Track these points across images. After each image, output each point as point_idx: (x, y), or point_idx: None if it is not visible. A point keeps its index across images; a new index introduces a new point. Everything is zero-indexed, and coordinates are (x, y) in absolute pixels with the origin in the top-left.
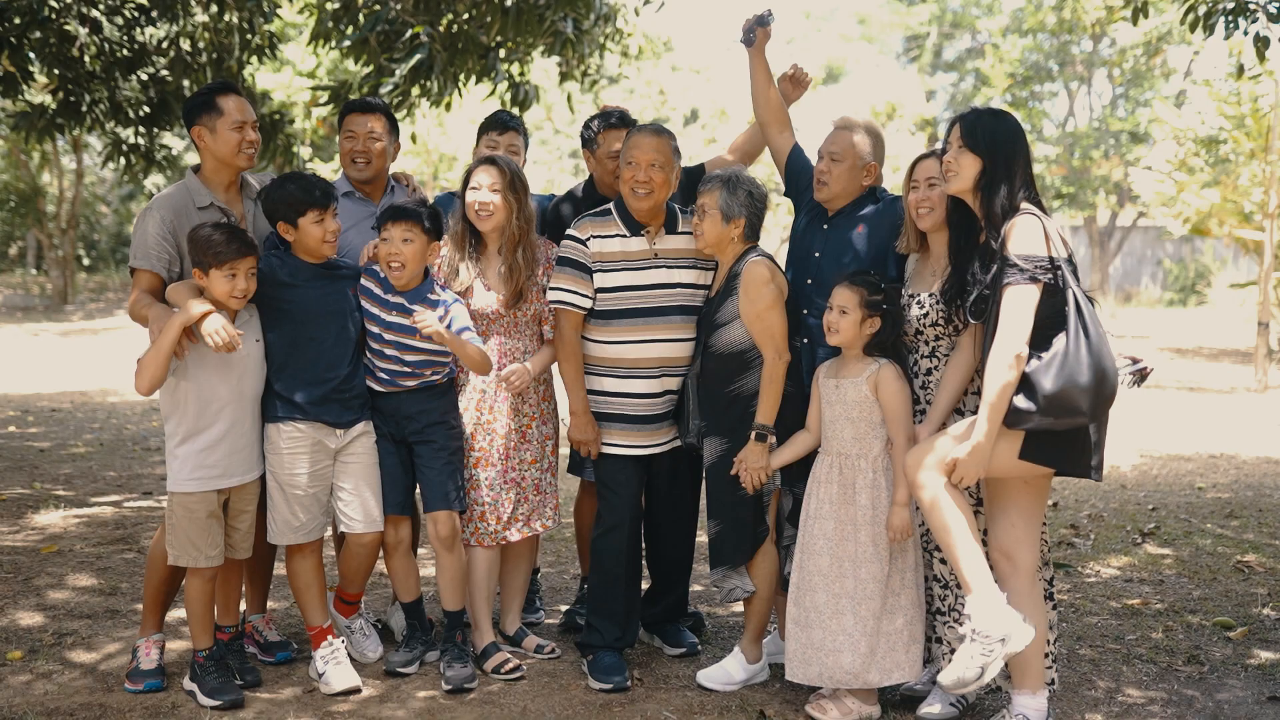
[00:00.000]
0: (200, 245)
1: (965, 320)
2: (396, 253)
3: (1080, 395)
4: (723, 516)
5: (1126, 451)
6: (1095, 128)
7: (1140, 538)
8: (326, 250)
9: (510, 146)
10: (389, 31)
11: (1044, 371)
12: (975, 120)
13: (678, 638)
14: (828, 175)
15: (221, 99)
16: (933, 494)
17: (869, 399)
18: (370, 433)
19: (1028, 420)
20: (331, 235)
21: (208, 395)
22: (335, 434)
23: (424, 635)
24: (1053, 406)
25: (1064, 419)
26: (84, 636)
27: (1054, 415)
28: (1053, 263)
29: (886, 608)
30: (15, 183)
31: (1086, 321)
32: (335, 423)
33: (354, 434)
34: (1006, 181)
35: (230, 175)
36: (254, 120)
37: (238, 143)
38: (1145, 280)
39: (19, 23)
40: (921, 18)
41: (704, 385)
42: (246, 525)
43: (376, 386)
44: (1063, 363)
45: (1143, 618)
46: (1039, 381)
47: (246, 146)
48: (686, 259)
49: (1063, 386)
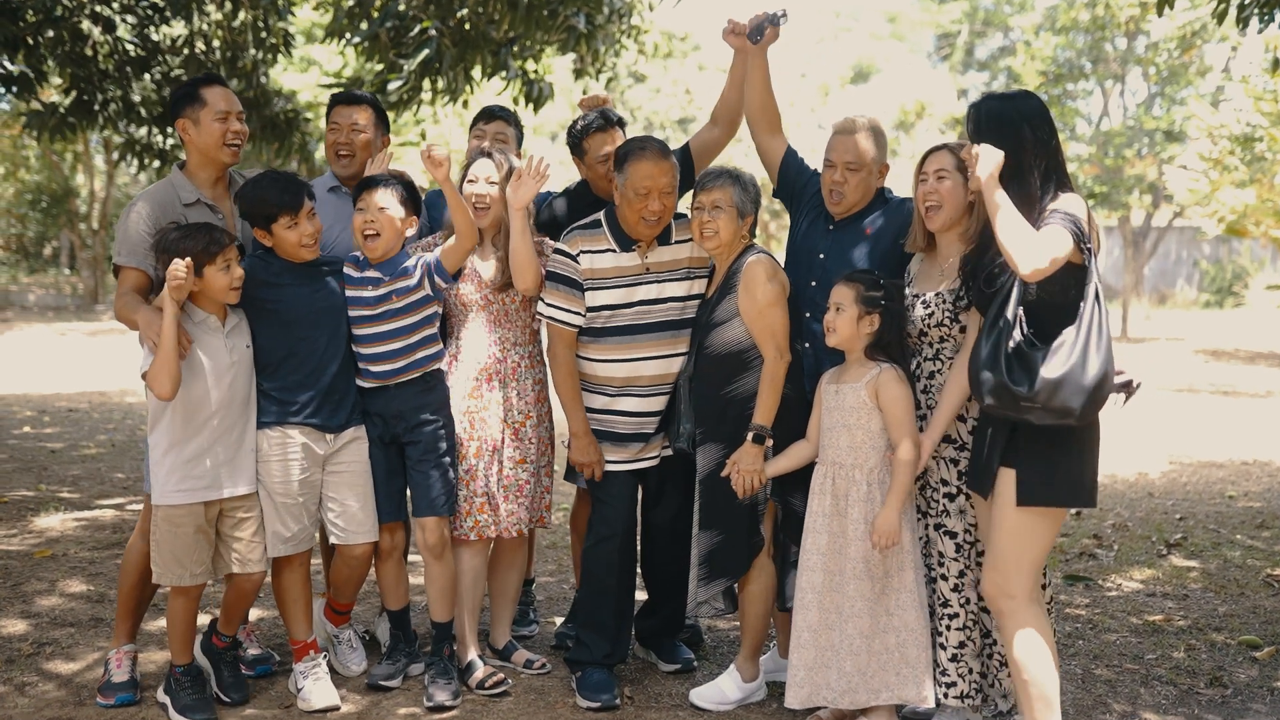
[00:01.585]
0: (187, 246)
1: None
2: (372, 220)
3: (1076, 393)
4: (719, 527)
5: (1155, 457)
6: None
7: (1166, 549)
8: (305, 254)
9: (497, 135)
10: (399, 27)
11: (1048, 357)
12: (982, 108)
13: (673, 654)
14: (845, 186)
15: (205, 89)
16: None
17: (867, 405)
18: (362, 438)
19: (1012, 405)
20: (309, 238)
21: (196, 402)
22: (325, 439)
23: (408, 647)
24: (1047, 396)
25: (1051, 413)
26: (64, 646)
27: (1043, 405)
28: (1087, 236)
29: (878, 626)
30: (48, 184)
31: (1101, 319)
32: (326, 426)
33: (344, 439)
34: (1028, 170)
35: (216, 170)
36: (239, 112)
37: (221, 134)
38: (1181, 282)
39: (33, 22)
40: (953, 15)
41: (698, 388)
42: (250, 535)
43: (365, 383)
44: (1069, 353)
45: (1164, 635)
46: (1039, 366)
47: (231, 138)
48: (679, 270)
49: (1063, 376)
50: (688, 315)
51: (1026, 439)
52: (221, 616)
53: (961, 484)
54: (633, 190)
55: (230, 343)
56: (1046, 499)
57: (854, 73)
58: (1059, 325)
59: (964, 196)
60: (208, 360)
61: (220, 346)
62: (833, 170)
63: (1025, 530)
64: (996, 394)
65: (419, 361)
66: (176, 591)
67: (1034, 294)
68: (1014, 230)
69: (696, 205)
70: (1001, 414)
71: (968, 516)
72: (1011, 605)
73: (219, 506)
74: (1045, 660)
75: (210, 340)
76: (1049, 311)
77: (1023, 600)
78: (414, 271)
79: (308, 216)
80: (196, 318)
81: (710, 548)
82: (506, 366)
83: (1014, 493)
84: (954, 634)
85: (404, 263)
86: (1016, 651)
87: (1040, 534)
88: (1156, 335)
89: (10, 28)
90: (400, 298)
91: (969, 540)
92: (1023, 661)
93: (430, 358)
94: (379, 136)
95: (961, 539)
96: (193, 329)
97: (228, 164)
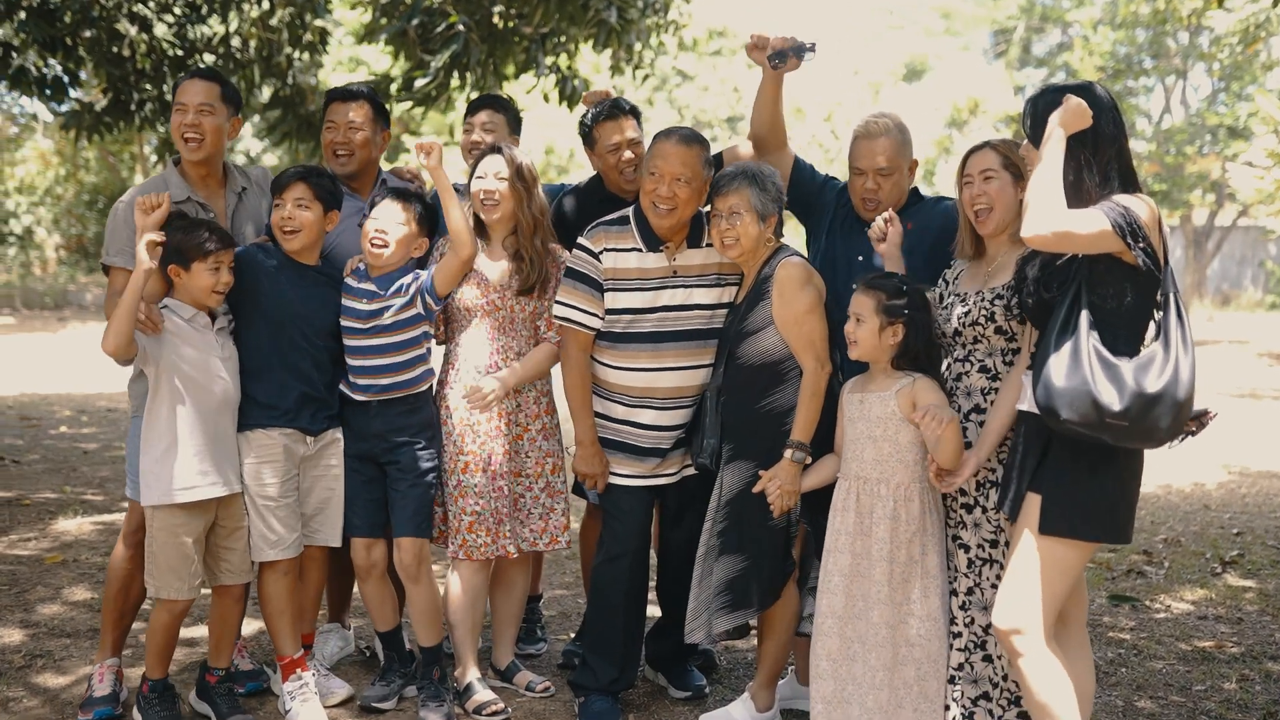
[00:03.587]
0: (181, 240)
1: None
2: (384, 230)
3: (1169, 410)
4: (747, 551)
5: (1212, 467)
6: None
7: (1220, 567)
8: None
9: (485, 125)
10: (427, 23)
11: (1142, 371)
12: (1040, 101)
13: (684, 679)
14: (879, 193)
15: (181, 83)
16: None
17: (896, 416)
18: (339, 440)
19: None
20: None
21: (198, 398)
22: (306, 441)
23: (402, 667)
24: (1139, 412)
25: (1137, 433)
26: (57, 659)
27: (1132, 423)
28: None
29: (899, 658)
30: (106, 185)
31: (1186, 334)
32: (308, 429)
33: (324, 441)
34: (1087, 166)
35: (203, 167)
36: (199, 104)
37: (177, 126)
38: (1246, 282)
39: (70, 22)
40: (1009, 10)
41: (729, 402)
42: (242, 546)
43: (351, 394)
44: (1163, 367)
45: (1215, 664)
46: (1136, 379)
47: (186, 130)
48: (709, 275)
49: (1161, 392)
50: (715, 325)
51: (1060, 462)
52: (211, 649)
53: (979, 495)
54: (647, 172)
55: (221, 339)
56: (1071, 530)
57: (906, 70)
58: (1124, 338)
59: (1014, 196)
60: (204, 356)
61: (212, 342)
62: (864, 178)
63: (1045, 561)
64: (1077, 407)
65: (404, 383)
66: (164, 604)
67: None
68: (1040, 188)
69: (714, 212)
70: (1074, 431)
71: (983, 530)
72: (1022, 642)
73: (215, 512)
74: (1068, 703)
75: (202, 336)
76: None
77: (1033, 637)
78: (408, 289)
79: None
80: (185, 314)
81: (735, 574)
82: None
83: (1038, 519)
84: (954, 654)
85: (401, 279)
86: (1036, 696)
87: (1062, 568)
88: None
89: (48, 29)
90: (391, 315)
91: (981, 556)
92: (1045, 703)
93: (416, 379)
94: (378, 133)
95: (974, 554)
96: (183, 325)
97: (190, 159)
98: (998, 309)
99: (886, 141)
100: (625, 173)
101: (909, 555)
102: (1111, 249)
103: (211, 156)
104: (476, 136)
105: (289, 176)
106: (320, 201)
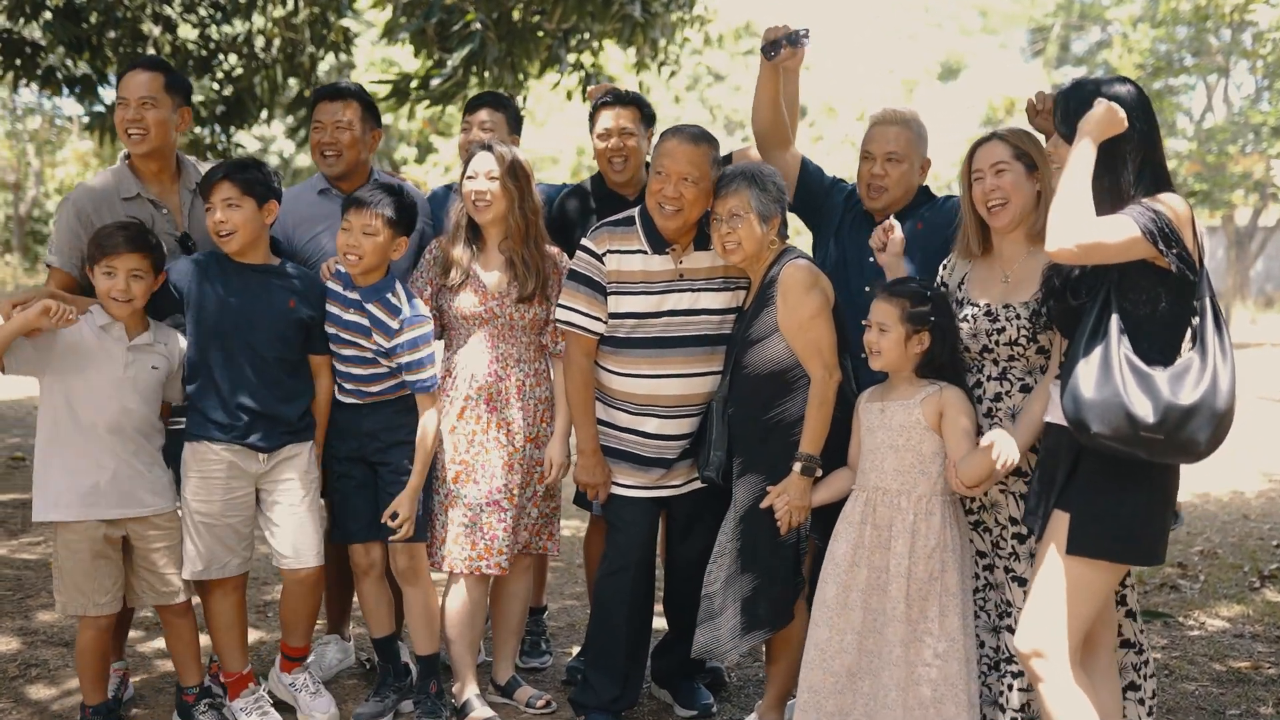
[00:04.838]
0: (91, 240)
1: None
2: (355, 245)
3: (1207, 422)
4: (760, 570)
5: (1252, 475)
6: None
7: (1259, 581)
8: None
9: (484, 124)
10: (445, 21)
11: (1177, 380)
12: (1072, 96)
13: (691, 698)
14: (886, 179)
15: (123, 75)
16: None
17: (920, 425)
18: (303, 454)
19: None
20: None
21: (84, 413)
22: (258, 458)
23: (397, 681)
24: (1175, 425)
25: (1173, 448)
26: (51, 668)
27: (1168, 437)
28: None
29: (913, 678)
30: None
31: (1225, 342)
32: (258, 446)
33: (280, 457)
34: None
35: (155, 162)
36: (141, 99)
37: (120, 120)
38: None
39: (95, 23)
40: (1047, 9)
41: (736, 413)
42: (163, 562)
43: (341, 398)
44: (1199, 377)
45: (1250, 685)
46: (1171, 389)
47: (129, 125)
48: (716, 278)
49: (1198, 404)
50: (723, 330)
51: (1090, 478)
52: (177, 669)
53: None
54: (654, 171)
55: (132, 357)
56: (1100, 551)
57: (942, 68)
58: (1158, 345)
59: (1030, 188)
60: (99, 370)
61: (118, 358)
62: (871, 162)
63: (1072, 582)
64: (1108, 419)
65: (394, 387)
66: (83, 623)
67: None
68: (1065, 197)
69: (714, 216)
70: (1105, 445)
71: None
72: (1043, 666)
73: (124, 529)
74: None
75: (108, 348)
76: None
77: (1056, 661)
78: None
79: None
80: (99, 320)
81: (749, 593)
82: (507, 386)
83: (1065, 538)
84: (1016, 695)
85: (388, 293)
86: None
87: (1089, 590)
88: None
89: (74, 29)
90: (367, 338)
91: None
92: None
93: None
94: (368, 132)
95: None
96: (86, 336)
97: (139, 153)
98: (1039, 326)
99: (900, 129)
100: (613, 162)
101: (928, 571)
102: (1144, 255)
103: (159, 150)
104: (475, 135)
105: (213, 177)
106: (251, 196)
